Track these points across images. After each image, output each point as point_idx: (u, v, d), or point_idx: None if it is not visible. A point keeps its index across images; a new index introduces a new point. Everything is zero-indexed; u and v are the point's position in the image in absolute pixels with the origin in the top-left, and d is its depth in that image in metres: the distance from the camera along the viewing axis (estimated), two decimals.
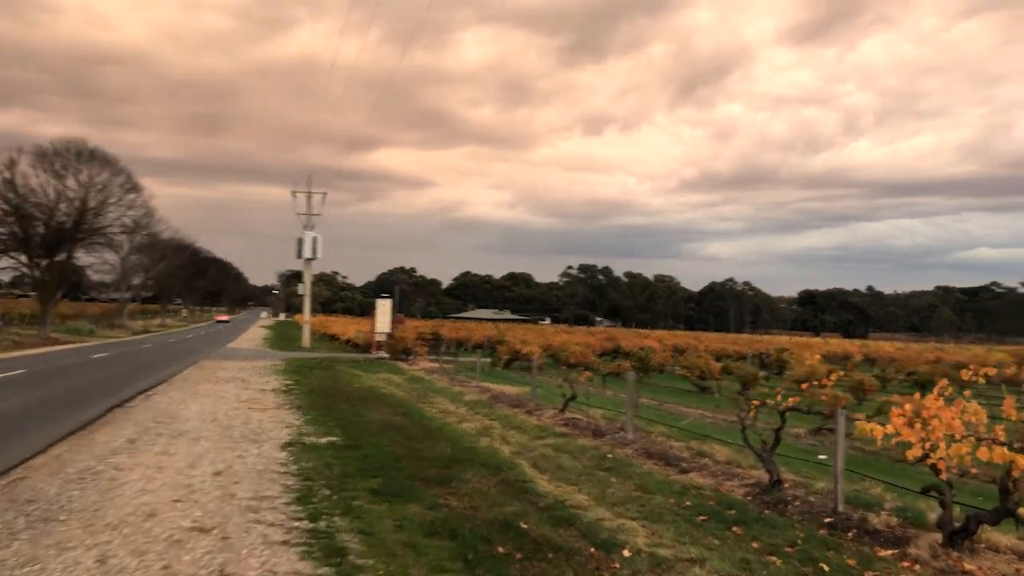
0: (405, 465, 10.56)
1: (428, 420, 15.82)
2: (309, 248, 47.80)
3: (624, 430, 14.18)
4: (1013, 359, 57.42)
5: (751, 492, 9.50)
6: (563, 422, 15.67)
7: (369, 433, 13.45)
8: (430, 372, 29.09)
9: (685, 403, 22.98)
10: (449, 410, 17.82)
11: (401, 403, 18.89)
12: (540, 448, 12.67)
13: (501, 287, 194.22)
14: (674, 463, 11.37)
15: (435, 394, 21.34)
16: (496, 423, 15.63)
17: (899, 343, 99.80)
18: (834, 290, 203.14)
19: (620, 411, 17.64)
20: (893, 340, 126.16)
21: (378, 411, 16.92)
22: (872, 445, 15.50)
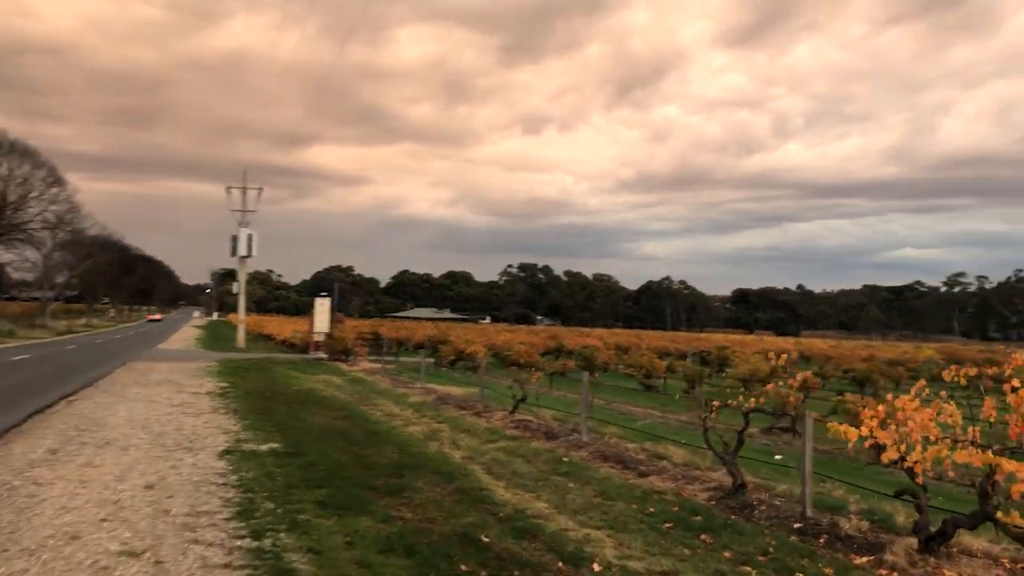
0: (352, 473, 9.97)
1: (373, 424, 15.21)
2: (244, 245, 46.37)
3: (578, 432, 13.83)
4: (941, 356, 59.29)
5: (714, 496, 9.21)
6: (514, 424, 15.24)
7: (312, 439, 12.79)
8: (371, 373, 28.36)
9: (633, 402, 22.78)
10: (394, 413, 17.23)
11: (343, 406, 18.21)
12: (492, 452, 12.21)
13: (440, 286, 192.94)
14: (632, 466, 11.04)
15: (378, 396, 20.69)
16: (444, 426, 15.11)
17: (831, 340, 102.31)
18: (766, 289, 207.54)
19: (571, 412, 17.32)
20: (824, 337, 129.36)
21: (320, 414, 16.23)
22: (826, 445, 15.50)
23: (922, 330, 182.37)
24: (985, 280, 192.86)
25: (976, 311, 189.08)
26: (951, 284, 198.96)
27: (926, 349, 65.80)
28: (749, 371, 27.29)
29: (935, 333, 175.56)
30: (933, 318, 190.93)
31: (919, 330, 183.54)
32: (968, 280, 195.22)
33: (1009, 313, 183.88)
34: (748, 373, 27.31)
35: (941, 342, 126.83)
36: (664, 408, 21.32)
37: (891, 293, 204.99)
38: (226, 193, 49.18)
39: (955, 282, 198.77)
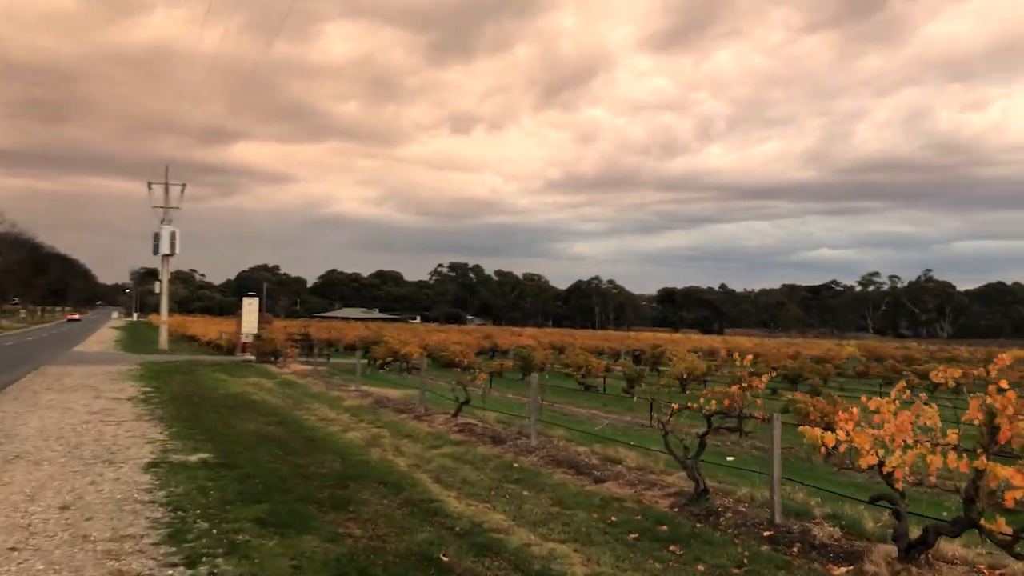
0: (292, 485, 9.29)
1: (309, 430, 14.45)
2: (166, 243, 44.51)
3: (525, 435, 13.38)
4: (862, 353, 61.06)
5: (676, 503, 8.86)
6: (457, 428, 14.69)
7: (245, 447, 12.01)
8: (303, 375, 27.37)
9: (574, 402, 22.48)
10: (330, 417, 16.47)
11: (275, 411, 17.35)
12: (438, 459, 11.65)
13: (369, 285, 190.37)
14: (586, 471, 10.63)
15: (312, 400, 19.85)
16: (385, 431, 14.46)
17: (755, 338, 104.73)
18: (691, 288, 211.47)
19: (513, 414, 16.89)
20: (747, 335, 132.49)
21: (251, 420, 15.38)
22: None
23: (838, 328, 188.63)
24: (897, 280, 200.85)
25: (888, 309, 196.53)
26: (865, 283, 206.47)
27: (847, 347, 67.80)
28: (686, 369, 27.39)
29: (850, 330, 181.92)
30: (848, 316, 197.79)
31: (835, 328, 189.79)
32: (881, 280, 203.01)
33: (919, 311, 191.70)
34: (685, 371, 27.41)
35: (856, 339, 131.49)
36: (607, 408, 21.08)
37: (809, 292, 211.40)
38: (148, 189, 47.19)
39: (869, 281, 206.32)
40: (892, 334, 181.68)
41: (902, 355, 59.10)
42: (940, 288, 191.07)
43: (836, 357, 50.66)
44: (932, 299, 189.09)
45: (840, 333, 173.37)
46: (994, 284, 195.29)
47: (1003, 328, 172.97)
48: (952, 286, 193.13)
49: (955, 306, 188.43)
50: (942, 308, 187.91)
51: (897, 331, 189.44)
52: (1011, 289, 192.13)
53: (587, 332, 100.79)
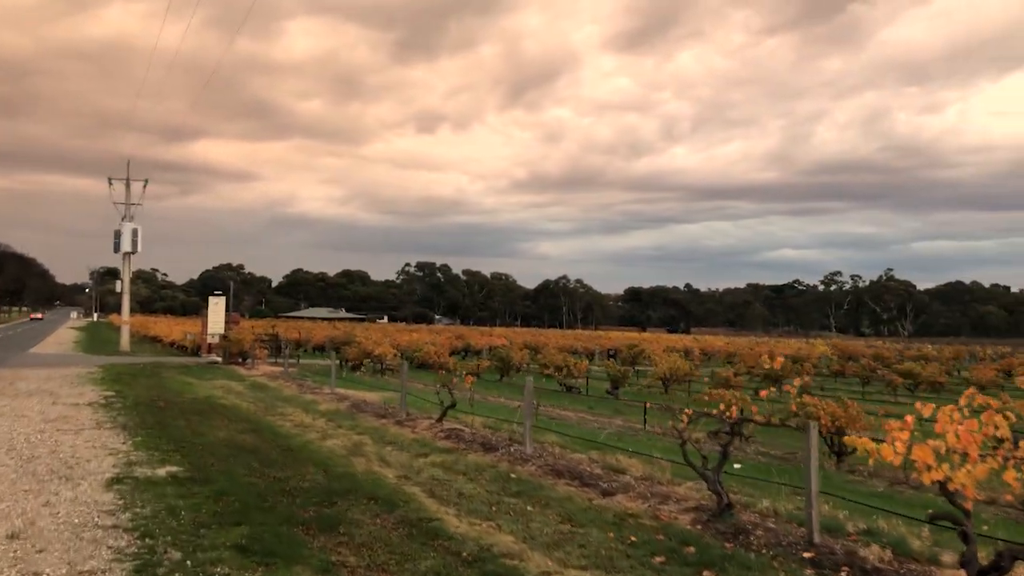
0: (273, 503, 8.39)
1: (285, 437, 13.50)
2: (128, 241, 42.94)
3: (518, 442, 12.58)
4: (834, 352, 61.17)
5: (699, 519, 8.12)
6: (443, 434, 13.84)
7: (217, 458, 11.04)
8: (273, 377, 26.28)
9: (558, 404, 21.69)
10: (306, 423, 15.52)
11: (247, 416, 16.35)
12: (428, 469, 10.81)
13: (336, 285, 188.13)
14: (591, 483, 9.86)
15: (285, 404, 18.85)
16: (366, 438, 13.57)
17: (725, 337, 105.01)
18: (657, 288, 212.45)
19: (499, 417, 16.08)
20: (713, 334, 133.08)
21: (222, 427, 14.38)
22: (778, 450, 14.80)
23: (802, 326, 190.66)
24: (859, 279, 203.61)
25: (850, 308, 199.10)
26: (828, 283, 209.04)
27: (819, 345, 67.95)
28: (669, 369, 26.78)
29: (814, 329, 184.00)
30: (812, 315, 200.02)
31: (799, 326, 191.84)
32: (843, 279, 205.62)
33: (880, 310, 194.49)
34: (668, 371, 26.81)
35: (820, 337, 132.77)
36: (594, 411, 20.34)
37: (773, 291, 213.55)
38: (108, 185, 45.51)
39: (831, 281, 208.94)
40: (854, 333, 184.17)
41: (873, 353, 59.29)
42: (901, 287, 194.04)
43: (810, 356, 50.52)
44: (893, 298, 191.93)
45: (804, 332, 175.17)
46: (953, 283, 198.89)
47: (962, 326, 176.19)
48: (913, 285, 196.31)
49: (916, 305, 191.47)
50: (903, 307, 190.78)
51: (859, 330, 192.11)
52: (969, 288, 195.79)
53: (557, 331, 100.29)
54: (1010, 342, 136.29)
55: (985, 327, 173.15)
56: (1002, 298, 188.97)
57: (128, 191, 45.55)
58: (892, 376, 27.94)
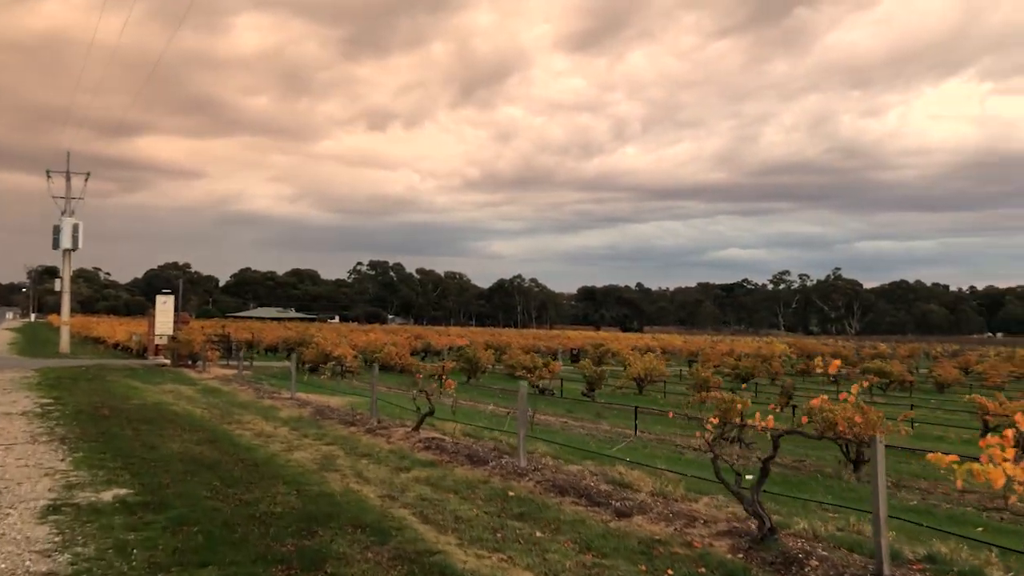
0: (244, 534, 7.15)
1: (247, 449, 12.18)
2: (68, 237, 40.64)
3: (508, 454, 11.50)
4: (793, 351, 61.34)
5: (738, 545, 7.12)
6: (422, 444, 12.66)
7: (173, 477, 9.72)
8: (226, 381, 24.73)
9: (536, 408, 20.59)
10: (267, 432, 14.21)
11: (202, 424, 14.95)
12: (413, 486, 9.65)
13: (285, 284, 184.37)
14: (600, 501, 8.81)
15: (242, 410, 17.46)
16: (337, 450, 12.34)
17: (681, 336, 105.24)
18: (610, 287, 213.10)
19: (479, 425, 14.96)
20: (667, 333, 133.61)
21: (175, 438, 12.99)
22: (782, 456, 13.92)
23: (752, 325, 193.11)
24: (807, 278, 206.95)
25: (799, 307, 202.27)
26: (776, 282, 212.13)
27: (777, 344, 68.15)
28: (643, 370, 25.92)
29: (763, 327, 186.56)
30: (761, 313, 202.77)
31: (749, 325, 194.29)
32: (792, 278, 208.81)
33: (828, 309, 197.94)
34: (643, 372, 25.95)
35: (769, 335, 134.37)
36: (573, 415, 19.30)
37: (723, 290, 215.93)
38: (47, 179, 43.03)
39: (780, 280, 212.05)
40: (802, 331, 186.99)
41: (831, 352, 59.58)
42: (848, 287, 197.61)
43: (771, 354, 50.39)
44: (841, 297, 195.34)
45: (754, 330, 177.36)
46: (897, 283, 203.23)
47: (906, 324, 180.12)
48: (859, 284, 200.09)
49: (862, 304, 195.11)
50: (850, 306, 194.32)
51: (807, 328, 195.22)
52: (913, 287, 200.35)
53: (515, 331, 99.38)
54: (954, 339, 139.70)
55: (928, 325, 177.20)
56: (943, 296, 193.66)
57: (68, 185, 43.19)
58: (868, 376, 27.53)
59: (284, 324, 75.28)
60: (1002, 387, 33.69)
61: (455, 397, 13.34)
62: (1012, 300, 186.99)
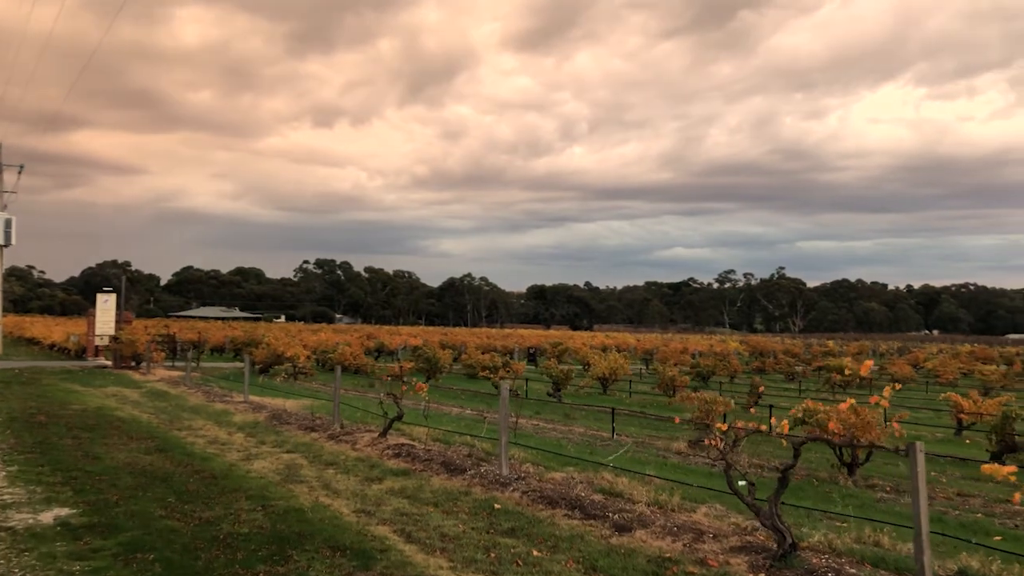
0: (207, 561, 6.33)
1: (202, 459, 11.25)
2: (1, 232, 38.61)
3: (485, 461, 10.81)
4: (746, 348, 61.79)
5: (757, 563, 6.53)
6: (392, 451, 11.88)
7: (121, 492, 8.80)
8: (173, 383, 23.50)
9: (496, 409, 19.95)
10: (222, 439, 13.28)
11: (151, 431, 13.92)
12: (389, 499, 8.89)
13: (229, 283, 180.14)
14: (595, 513, 8.17)
15: (192, 415, 16.43)
16: (299, 458, 11.50)
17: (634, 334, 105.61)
18: (560, 286, 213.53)
19: (447, 429, 14.23)
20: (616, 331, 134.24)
21: (121, 447, 12.00)
22: (763, 459, 13.47)
23: (698, 323, 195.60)
24: (751, 277, 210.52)
25: (743, 305, 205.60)
26: (722, 280, 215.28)
27: (730, 342, 68.63)
28: (608, 369, 25.45)
29: (709, 325, 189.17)
30: (708, 312, 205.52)
31: (696, 323, 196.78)
32: (737, 277, 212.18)
33: (773, 307, 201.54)
34: (607, 371, 25.47)
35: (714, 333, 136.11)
36: (542, 416, 18.65)
37: (670, 289, 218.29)
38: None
39: (725, 279, 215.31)
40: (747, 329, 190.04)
41: (783, 349, 60.17)
42: (792, 285, 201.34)
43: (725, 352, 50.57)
44: (785, 296, 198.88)
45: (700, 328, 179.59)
46: (839, 281, 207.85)
47: (848, 322, 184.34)
48: (803, 283, 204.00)
49: (805, 302, 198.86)
50: (794, 304, 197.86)
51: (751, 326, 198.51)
52: (854, 286, 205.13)
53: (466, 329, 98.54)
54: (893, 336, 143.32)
55: (869, 323, 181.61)
56: (882, 295, 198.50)
57: (0, 178, 41.08)
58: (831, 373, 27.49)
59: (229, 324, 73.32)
60: (954, 384, 34.15)
61: (428, 401, 12.55)
62: (947, 299, 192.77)
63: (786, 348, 61.04)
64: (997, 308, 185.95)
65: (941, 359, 42.62)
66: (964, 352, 56.20)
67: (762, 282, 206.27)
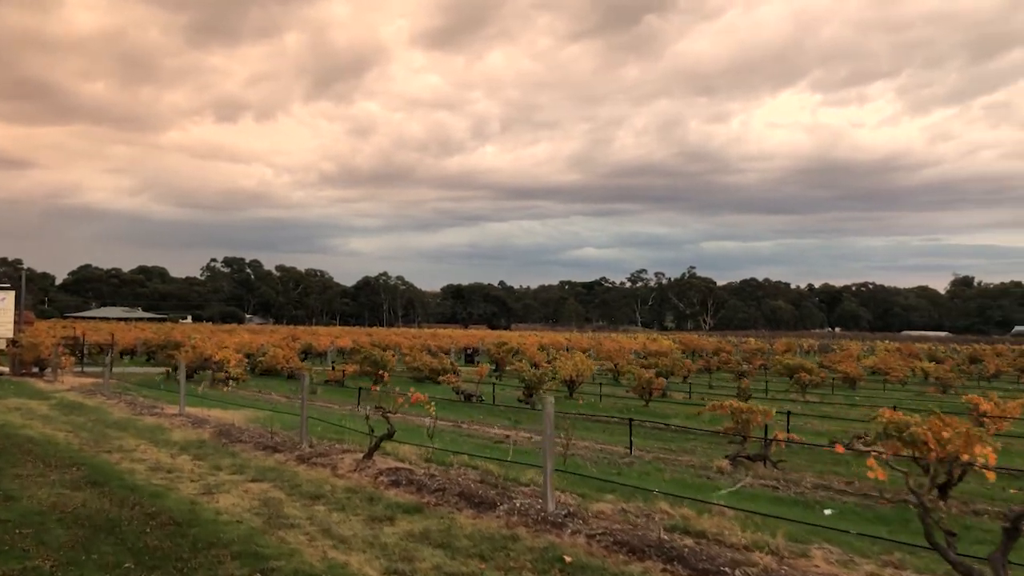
0: None
1: (151, 496, 8.90)
2: None
3: (511, 490, 8.86)
4: (679, 347, 61.33)
5: None
6: (388, 478, 9.78)
7: (53, 555, 6.48)
8: (88, 392, 20.53)
9: (469, 418, 17.89)
10: (165, 464, 10.90)
11: (73, 455, 11.39)
12: (418, 550, 6.87)
13: (132, 282, 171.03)
14: (703, 567, 6.34)
15: (119, 432, 13.86)
16: (275, 491, 9.28)
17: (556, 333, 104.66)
18: (476, 285, 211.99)
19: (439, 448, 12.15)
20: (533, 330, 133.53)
21: (39, 480, 9.52)
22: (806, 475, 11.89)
23: (612, 321, 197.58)
24: (662, 276, 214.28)
25: (655, 304, 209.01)
26: (634, 280, 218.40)
27: (664, 340, 68.17)
28: (574, 371, 23.76)
29: (623, 324, 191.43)
30: (622, 310, 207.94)
31: (611, 321, 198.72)
32: (649, 276, 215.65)
33: (684, 306, 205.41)
34: (573, 374, 23.78)
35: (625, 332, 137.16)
36: (521, 427, 16.72)
37: (584, 288, 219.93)
38: None
39: (637, 278, 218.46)
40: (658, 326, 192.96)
41: (713, 348, 59.93)
42: (702, 284, 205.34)
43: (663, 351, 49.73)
44: (696, 294, 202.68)
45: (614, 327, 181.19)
46: (747, 280, 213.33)
47: (757, 320, 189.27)
48: (713, 282, 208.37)
49: (716, 300, 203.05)
50: (705, 302, 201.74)
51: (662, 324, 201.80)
52: (762, 284, 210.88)
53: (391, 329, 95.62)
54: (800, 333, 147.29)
55: (777, 320, 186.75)
56: (788, 294, 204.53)
57: None
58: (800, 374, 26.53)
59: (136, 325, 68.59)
60: (904, 382, 33.95)
61: (434, 418, 10.48)
62: (848, 297, 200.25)
63: (717, 347, 60.83)
64: (893, 306, 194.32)
65: (882, 357, 42.76)
66: (893, 350, 57.18)
67: (674, 281, 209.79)
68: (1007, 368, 42.45)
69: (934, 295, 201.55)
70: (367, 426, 10.82)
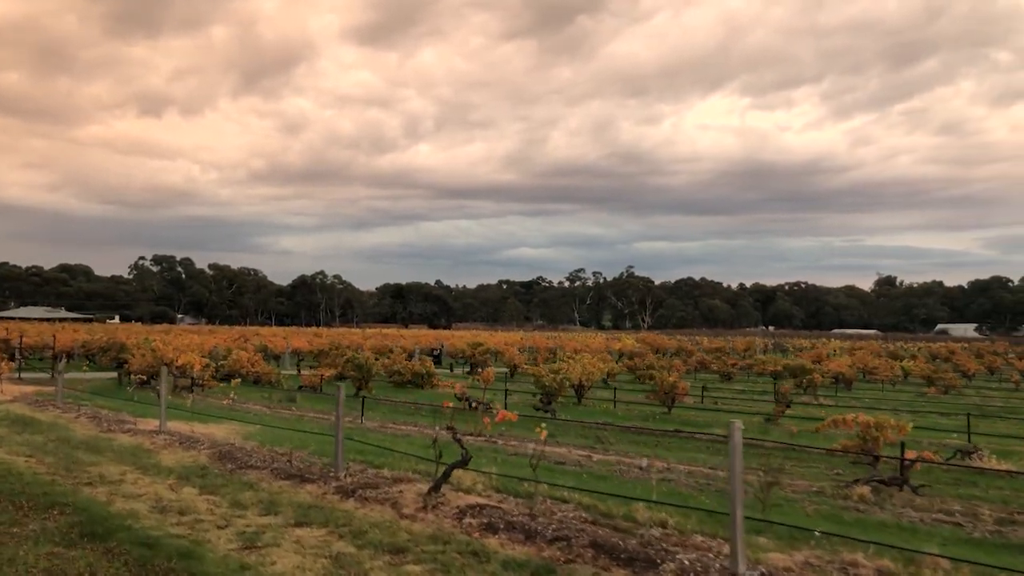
0: None
1: (178, 555, 6.64)
2: None
3: (692, 547, 6.91)
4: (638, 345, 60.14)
5: None
6: (475, 520, 7.71)
7: None
8: (36, 404, 17.74)
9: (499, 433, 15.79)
10: (168, 501, 8.62)
11: (47, 491, 8.96)
12: None
13: (54, 280, 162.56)
14: None
15: (93, 455, 11.40)
16: (336, 540, 7.15)
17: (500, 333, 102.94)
18: (416, 284, 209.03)
19: (501, 474, 10.09)
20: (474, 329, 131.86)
21: (15, 532, 7.18)
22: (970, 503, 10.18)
23: (552, 320, 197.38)
24: (600, 275, 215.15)
25: (593, 303, 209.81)
26: (572, 279, 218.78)
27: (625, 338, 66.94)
28: (582, 375, 21.88)
29: (563, 323, 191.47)
30: (561, 309, 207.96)
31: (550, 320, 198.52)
32: (587, 276, 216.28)
33: (623, 305, 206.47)
34: (582, 378, 21.89)
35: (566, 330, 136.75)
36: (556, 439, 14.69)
37: (523, 287, 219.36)
38: None
39: (576, 277, 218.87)
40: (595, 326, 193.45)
41: (675, 347, 58.97)
42: (640, 283, 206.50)
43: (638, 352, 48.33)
44: (635, 293, 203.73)
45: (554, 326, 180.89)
46: (684, 279, 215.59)
47: (695, 319, 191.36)
48: (651, 281, 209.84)
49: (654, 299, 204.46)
50: (643, 301, 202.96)
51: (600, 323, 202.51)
52: (698, 284, 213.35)
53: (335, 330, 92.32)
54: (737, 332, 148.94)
55: (714, 319, 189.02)
56: (723, 293, 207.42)
57: None
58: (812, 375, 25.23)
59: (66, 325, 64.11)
60: (894, 382, 33.17)
61: (544, 441, 8.42)
62: (781, 296, 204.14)
63: (679, 346, 59.89)
64: (824, 305, 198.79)
65: (860, 356, 42.15)
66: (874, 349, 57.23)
67: (612, 280, 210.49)
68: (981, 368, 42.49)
69: (862, 294, 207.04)
70: (435, 451, 8.70)
